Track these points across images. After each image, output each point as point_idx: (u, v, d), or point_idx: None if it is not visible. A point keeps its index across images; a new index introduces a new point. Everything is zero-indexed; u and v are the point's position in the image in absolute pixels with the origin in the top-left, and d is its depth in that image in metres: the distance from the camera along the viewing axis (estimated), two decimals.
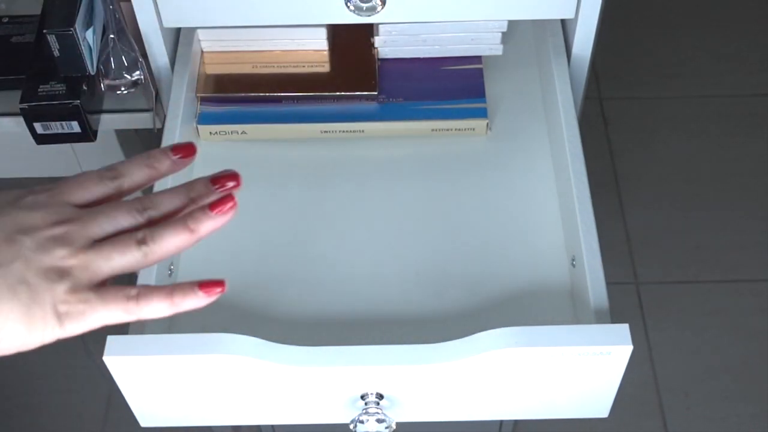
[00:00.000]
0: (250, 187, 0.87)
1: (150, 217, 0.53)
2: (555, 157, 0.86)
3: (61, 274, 0.49)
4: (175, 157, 0.56)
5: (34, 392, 1.61)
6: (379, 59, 0.92)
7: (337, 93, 0.90)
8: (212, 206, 0.54)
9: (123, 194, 0.55)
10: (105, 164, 1.07)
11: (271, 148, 0.90)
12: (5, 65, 0.96)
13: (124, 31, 0.91)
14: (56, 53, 0.89)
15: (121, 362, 0.66)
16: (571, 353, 0.66)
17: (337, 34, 0.92)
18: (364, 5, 0.79)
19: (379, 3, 0.79)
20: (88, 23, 0.91)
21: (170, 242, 0.52)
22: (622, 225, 1.78)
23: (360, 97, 0.90)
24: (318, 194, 0.86)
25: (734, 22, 2.06)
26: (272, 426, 1.29)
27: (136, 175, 0.55)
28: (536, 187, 0.85)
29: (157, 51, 0.85)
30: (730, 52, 2.02)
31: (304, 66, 0.91)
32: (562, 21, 0.89)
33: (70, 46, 0.89)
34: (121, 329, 0.68)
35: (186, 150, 0.57)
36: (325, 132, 0.89)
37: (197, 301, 0.53)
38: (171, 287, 0.52)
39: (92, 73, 0.93)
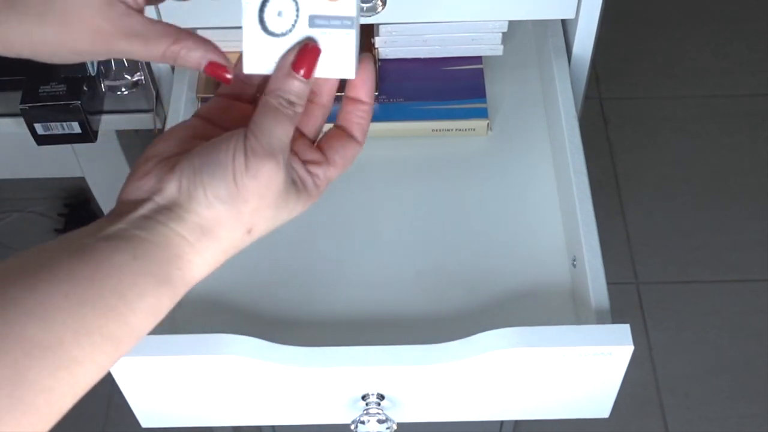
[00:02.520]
0: None
1: None
2: (555, 157, 0.86)
3: None
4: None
5: None
6: (379, 59, 0.92)
7: (338, 93, 0.89)
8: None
9: None
10: (106, 165, 1.07)
11: None
12: (5, 66, 0.96)
13: None
14: None
15: (122, 362, 0.66)
16: (572, 353, 0.66)
17: None
18: (365, 5, 0.79)
19: (380, 3, 0.79)
20: None
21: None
22: (622, 225, 1.78)
23: None
24: None
25: (734, 22, 2.07)
26: (273, 426, 1.29)
27: None
28: (536, 187, 0.85)
29: None
30: (730, 52, 2.02)
31: None
32: (563, 21, 0.89)
33: None
34: None
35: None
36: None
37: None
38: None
39: (93, 74, 0.93)
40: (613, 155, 1.88)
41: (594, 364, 0.67)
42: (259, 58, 0.53)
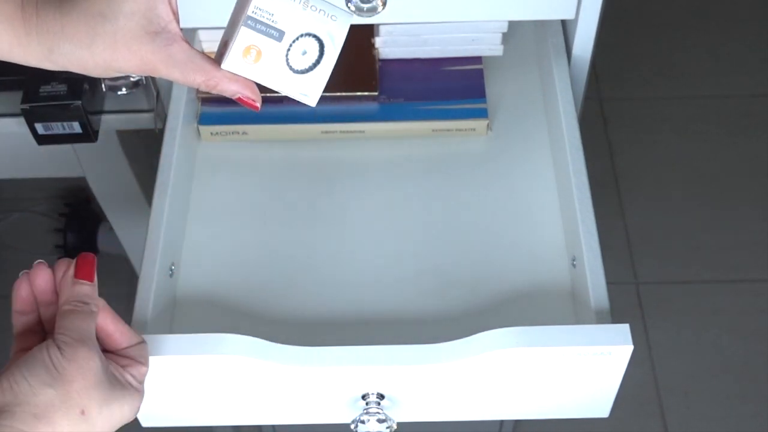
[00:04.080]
0: (250, 188, 0.88)
1: None
2: (555, 157, 0.86)
3: None
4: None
5: None
6: (379, 60, 0.93)
7: (338, 93, 0.90)
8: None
9: None
10: (106, 165, 1.07)
11: (272, 148, 0.90)
12: (6, 66, 0.96)
13: None
14: None
15: None
16: (571, 353, 0.66)
17: None
18: (365, 6, 0.79)
19: (380, 3, 0.79)
20: None
21: None
22: (622, 225, 1.78)
23: (361, 98, 0.90)
24: (318, 195, 0.86)
25: (734, 22, 2.07)
26: (273, 426, 1.29)
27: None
28: (536, 187, 0.85)
29: None
30: (730, 52, 2.02)
31: None
32: (563, 21, 0.89)
33: None
34: None
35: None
36: (326, 132, 0.89)
37: None
38: None
39: None
40: (612, 155, 1.88)
41: (594, 364, 0.67)
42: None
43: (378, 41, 0.91)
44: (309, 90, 0.61)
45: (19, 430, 0.52)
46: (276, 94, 0.89)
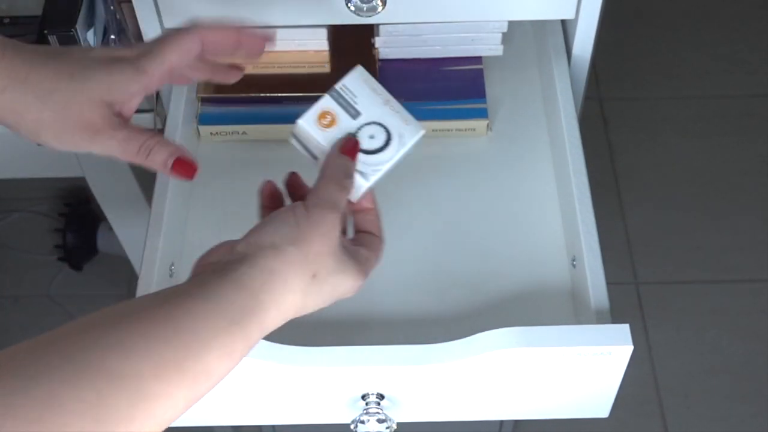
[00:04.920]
0: (250, 188, 0.88)
1: None
2: (555, 157, 0.86)
3: None
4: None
5: None
6: (379, 60, 0.92)
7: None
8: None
9: None
10: (106, 165, 1.07)
11: (272, 148, 0.90)
12: None
13: (125, 31, 0.91)
14: None
15: None
16: (571, 353, 0.66)
17: (338, 34, 0.92)
18: (365, 6, 0.79)
19: (380, 3, 0.79)
20: (89, 24, 0.91)
21: None
22: (622, 225, 1.78)
23: None
24: None
25: (734, 22, 2.07)
26: (273, 426, 1.29)
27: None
28: (536, 188, 0.85)
29: None
30: (730, 52, 2.02)
31: (304, 66, 0.91)
32: (562, 21, 0.89)
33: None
34: None
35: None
36: None
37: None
38: None
39: None
40: (612, 155, 1.88)
41: (594, 364, 0.67)
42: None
43: (378, 41, 0.91)
44: (366, 169, 0.64)
45: (254, 279, 0.54)
46: (274, 93, 0.90)
